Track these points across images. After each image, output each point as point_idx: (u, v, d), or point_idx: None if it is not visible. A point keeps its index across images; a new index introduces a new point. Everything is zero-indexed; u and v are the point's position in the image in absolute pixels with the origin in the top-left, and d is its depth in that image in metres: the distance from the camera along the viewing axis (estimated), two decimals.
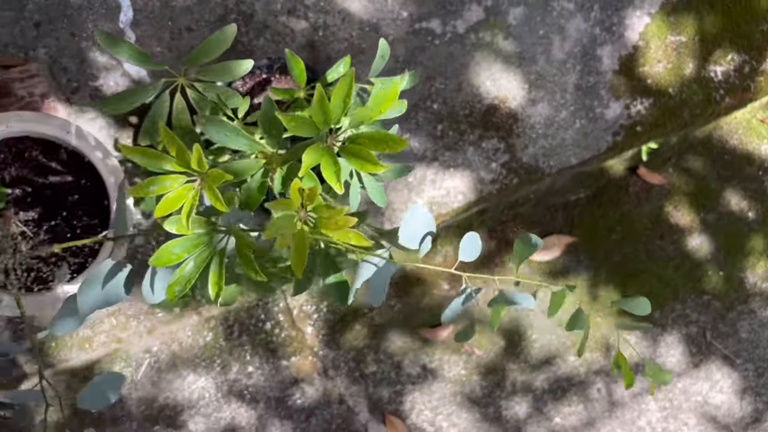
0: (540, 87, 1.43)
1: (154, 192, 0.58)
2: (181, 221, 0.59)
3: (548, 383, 1.57)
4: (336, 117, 0.56)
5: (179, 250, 0.62)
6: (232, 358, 1.43)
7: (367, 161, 0.56)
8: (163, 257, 0.61)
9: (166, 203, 0.58)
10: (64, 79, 1.24)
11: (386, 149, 0.56)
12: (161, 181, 0.58)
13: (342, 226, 0.56)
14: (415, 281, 1.53)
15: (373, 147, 0.56)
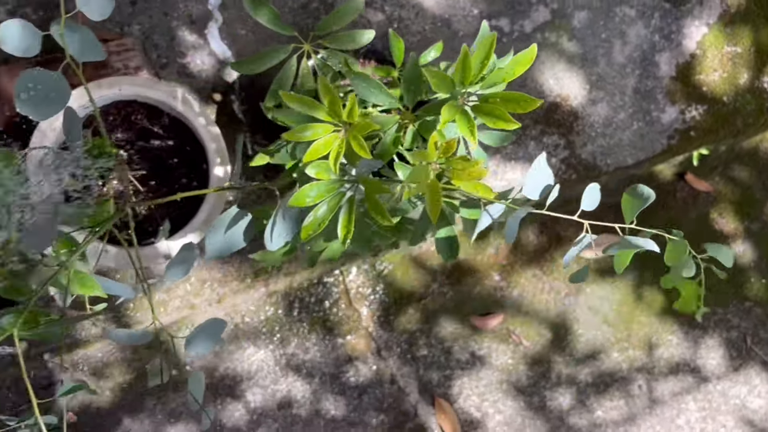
0: (600, 88, 1.49)
1: (308, 137, 0.63)
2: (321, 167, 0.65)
3: (592, 377, 1.62)
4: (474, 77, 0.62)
5: (314, 194, 0.67)
6: (291, 333, 1.49)
7: (500, 119, 0.61)
8: (300, 199, 0.67)
9: (315, 149, 0.63)
10: (154, 54, 1.30)
11: (518, 109, 0.62)
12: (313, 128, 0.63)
13: (474, 177, 0.61)
14: (468, 271, 1.58)
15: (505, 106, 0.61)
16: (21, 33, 0.71)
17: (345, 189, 0.68)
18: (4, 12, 1.24)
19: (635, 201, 0.68)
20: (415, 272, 1.56)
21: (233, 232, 0.80)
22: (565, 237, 1.63)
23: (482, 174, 0.61)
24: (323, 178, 0.67)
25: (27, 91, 0.72)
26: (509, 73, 0.64)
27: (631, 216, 0.70)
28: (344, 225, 0.68)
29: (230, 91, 1.33)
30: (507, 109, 0.62)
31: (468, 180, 0.62)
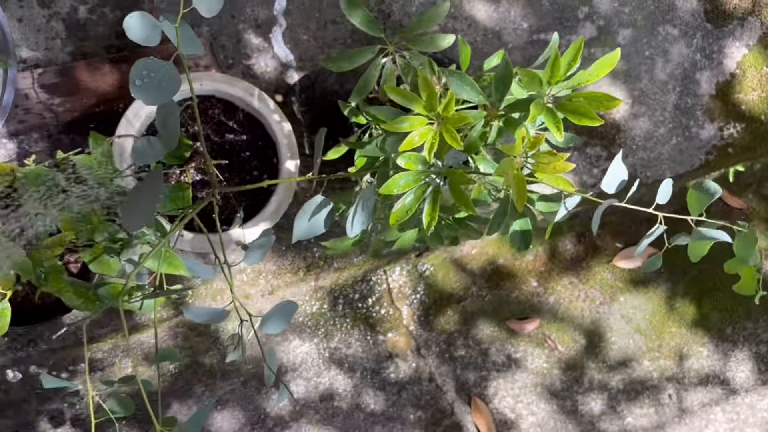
0: (642, 103, 1.54)
1: (405, 128, 0.69)
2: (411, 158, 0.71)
3: (623, 384, 1.66)
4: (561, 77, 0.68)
5: (403, 183, 0.73)
6: (334, 327, 1.54)
7: (584, 116, 0.67)
8: (390, 187, 0.72)
9: (411, 140, 0.69)
10: (221, 55, 1.37)
11: (601, 108, 0.67)
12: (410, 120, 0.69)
13: (558, 171, 0.67)
14: (506, 275, 1.63)
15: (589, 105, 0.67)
16: (143, 24, 0.77)
17: (430, 179, 0.74)
18: (84, 10, 1.31)
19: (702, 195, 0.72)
20: (455, 274, 1.61)
21: (316, 218, 0.86)
22: (601, 247, 1.67)
23: (566, 168, 0.67)
24: (412, 168, 0.73)
25: (141, 79, 0.78)
26: (593, 75, 0.70)
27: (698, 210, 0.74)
28: (429, 213, 0.74)
29: (291, 93, 1.39)
30: (592, 107, 0.67)
31: (552, 173, 0.67)
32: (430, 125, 0.71)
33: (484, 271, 1.62)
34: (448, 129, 0.69)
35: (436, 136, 0.70)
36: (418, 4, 1.45)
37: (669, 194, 0.78)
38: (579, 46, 0.68)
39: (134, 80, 0.77)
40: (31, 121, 1.26)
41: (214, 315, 0.94)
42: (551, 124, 0.68)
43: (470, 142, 0.72)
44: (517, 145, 0.67)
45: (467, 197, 0.71)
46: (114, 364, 1.45)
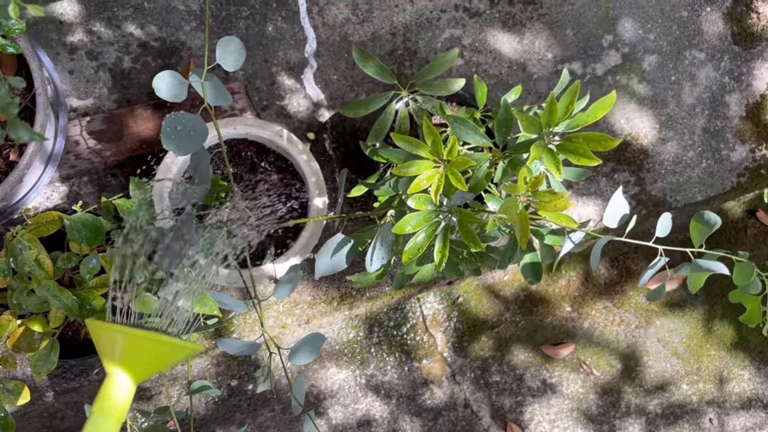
0: (670, 128, 1.55)
1: (412, 172, 0.74)
2: (421, 199, 0.75)
3: (661, 408, 1.65)
4: (559, 120, 0.71)
5: (414, 222, 0.77)
6: (370, 355, 1.58)
7: (583, 156, 0.70)
8: (402, 227, 0.77)
9: (418, 183, 0.74)
10: (256, 97, 1.44)
11: (599, 147, 0.70)
12: (416, 164, 0.74)
13: (559, 209, 0.70)
14: (540, 301, 1.65)
15: (588, 145, 0.70)
16: (170, 83, 0.84)
17: (440, 219, 0.78)
18: (128, 60, 1.40)
19: (702, 227, 0.74)
20: (488, 301, 1.63)
21: (338, 255, 0.91)
22: (635, 271, 1.68)
23: (567, 206, 0.70)
24: (422, 208, 0.77)
25: (173, 130, 0.85)
26: (591, 116, 0.73)
27: (699, 240, 0.76)
28: (440, 250, 0.78)
29: (322, 131, 1.46)
30: (589, 147, 0.70)
31: (553, 211, 0.70)
32: (437, 168, 0.75)
33: (517, 297, 1.64)
34: (453, 171, 0.73)
35: (442, 179, 0.74)
36: (443, 40, 1.50)
37: (669, 228, 0.80)
38: (575, 91, 0.71)
39: (166, 132, 0.84)
40: (81, 165, 1.35)
41: (247, 347, 1.00)
42: (551, 165, 0.71)
43: (476, 182, 0.76)
44: (520, 185, 0.71)
45: (475, 235, 0.74)
46: (161, 393, 1.52)
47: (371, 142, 0.98)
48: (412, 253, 0.78)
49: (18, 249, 0.90)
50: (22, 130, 0.51)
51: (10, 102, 0.51)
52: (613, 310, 1.66)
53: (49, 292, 0.87)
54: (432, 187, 0.74)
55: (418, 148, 0.74)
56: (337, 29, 1.46)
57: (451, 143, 0.72)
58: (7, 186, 1.05)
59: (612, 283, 1.67)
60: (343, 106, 0.94)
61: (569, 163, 0.80)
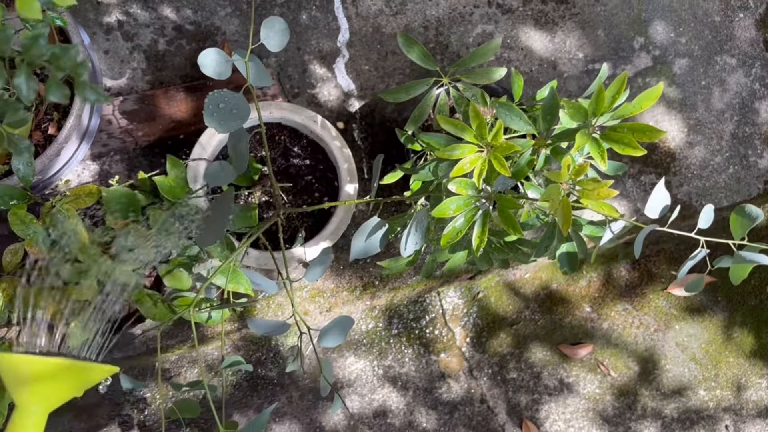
0: (698, 132, 1.55)
1: (456, 155, 0.74)
2: (462, 183, 0.76)
3: (677, 413, 1.64)
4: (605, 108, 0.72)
5: (454, 206, 0.78)
6: (389, 346, 1.59)
7: (628, 146, 0.71)
8: (443, 210, 0.77)
9: (461, 167, 0.74)
10: (288, 84, 1.45)
11: (644, 138, 0.71)
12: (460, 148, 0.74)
13: (602, 197, 0.70)
14: (560, 300, 1.65)
15: (633, 135, 0.71)
16: (216, 60, 0.85)
17: (480, 204, 0.78)
18: (163, 42, 1.41)
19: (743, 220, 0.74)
20: (508, 298, 1.64)
21: (372, 239, 0.92)
22: (656, 274, 1.68)
23: (610, 194, 0.70)
24: (462, 193, 0.78)
25: (215, 107, 0.86)
26: (636, 107, 0.74)
27: (740, 234, 0.76)
28: (478, 235, 0.78)
29: (352, 120, 1.46)
30: (635, 137, 0.71)
31: (596, 199, 0.71)
32: (480, 153, 0.75)
33: (538, 296, 1.64)
34: (497, 156, 0.74)
35: (485, 163, 0.74)
36: (474, 35, 1.50)
37: (710, 219, 0.81)
38: (623, 80, 0.72)
39: (208, 109, 0.85)
40: (113, 144, 1.37)
41: (276, 327, 1.01)
42: (596, 153, 0.72)
43: (518, 169, 0.76)
44: (563, 172, 0.71)
45: (515, 221, 0.75)
46: (180, 374, 1.53)
47: (409, 128, 0.98)
48: (451, 236, 0.78)
49: (58, 219, 0.91)
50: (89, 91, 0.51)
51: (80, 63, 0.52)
52: (632, 312, 1.66)
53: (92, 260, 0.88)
54: (475, 171, 0.75)
55: (463, 131, 0.75)
56: (370, 20, 1.47)
57: (497, 127, 0.73)
58: (45, 159, 1.06)
59: (632, 285, 1.67)
60: (384, 91, 0.95)
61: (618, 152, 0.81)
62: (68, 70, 0.56)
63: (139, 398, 1.52)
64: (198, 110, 1.38)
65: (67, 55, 0.56)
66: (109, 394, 1.51)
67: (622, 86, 0.72)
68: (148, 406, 1.52)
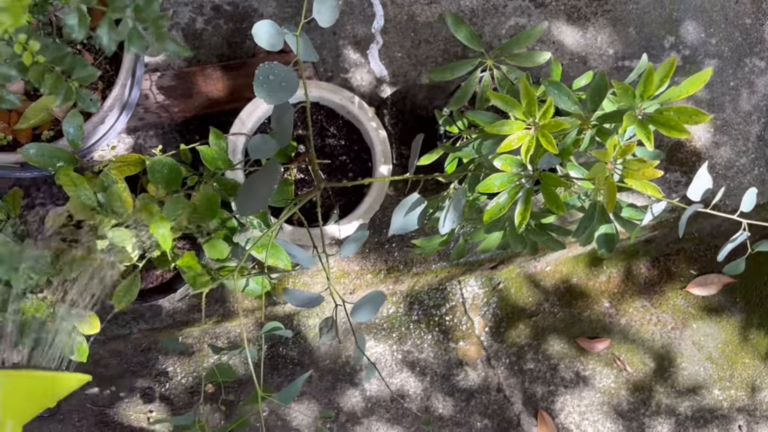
0: (724, 133, 1.56)
1: (505, 131, 0.76)
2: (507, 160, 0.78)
3: (691, 411, 1.66)
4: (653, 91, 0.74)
5: (498, 183, 0.79)
6: (408, 332, 1.61)
7: (674, 129, 0.72)
8: (486, 186, 0.79)
9: (509, 143, 0.76)
10: (321, 68, 1.47)
11: (689, 121, 0.73)
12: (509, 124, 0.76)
13: (647, 177, 0.72)
14: (579, 294, 1.66)
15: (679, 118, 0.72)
16: (269, 32, 0.87)
17: (523, 182, 0.80)
18: (201, 21, 1.43)
19: None
20: (528, 290, 1.65)
21: (411, 215, 0.93)
22: (675, 273, 1.69)
23: (655, 174, 0.72)
24: (507, 170, 0.80)
25: (265, 79, 0.88)
26: (683, 90, 0.75)
27: None
28: (521, 212, 0.80)
29: (383, 106, 1.48)
30: (681, 121, 0.73)
31: (641, 179, 0.72)
32: (527, 130, 0.77)
33: (557, 289, 1.66)
34: (545, 134, 0.75)
35: (533, 140, 0.76)
36: (507, 27, 1.52)
37: (753, 203, 0.82)
38: (672, 64, 0.74)
39: (258, 80, 0.87)
40: (148, 119, 1.39)
41: (310, 300, 1.03)
42: (642, 135, 0.73)
43: (564, 148, 0.78)
44: (609, 152, 0.73)
45: (559, 199, 0.77)
46: (201, 350, 1.55)
47: (451, 108, 1.00)
48: (494, 212, 0.80)
49: (106, 183, 0.93)
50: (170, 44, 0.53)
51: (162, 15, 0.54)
52: (650, 309, 1.67)
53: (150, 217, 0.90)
54: (522, 147, 0.76)
55: (513, 108, 0.76)
56: (405, 8, 1.49)
57: (548, 104, 0.74)
58: (90, 126, 1.08)
59: (652, 283, 1.68)
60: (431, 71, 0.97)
61: (642, 144, 0.82)
62: (149, 23, 0.58)
63: (161, 371, 1.54)
64: (234, 89, 1.39)
65: (150, 7, 0.58)
66: (132, 366, 1.53)
67: (671, 70, 0.73)
68: (170, 380, 1.54)
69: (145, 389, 1.54)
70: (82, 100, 0.68)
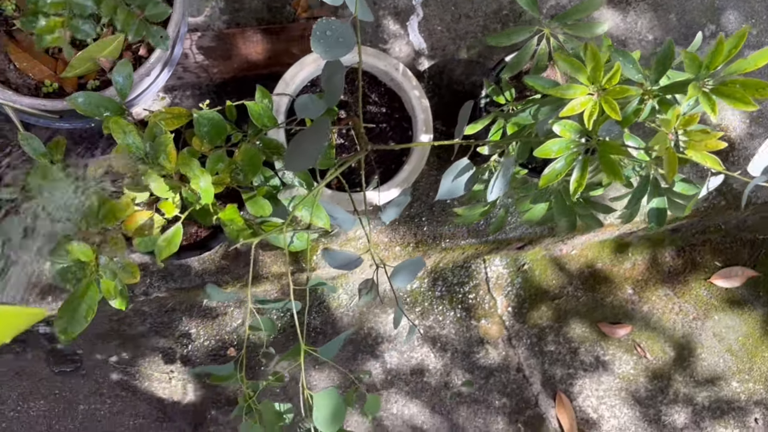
0: (760, 124, 1.56)
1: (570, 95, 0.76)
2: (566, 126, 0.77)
3: (709, 401, 1.66)
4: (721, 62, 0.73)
5: (556, 148, 0.79)
6: (431, 307, 1.61)
7: (740, 101, 0.72)
8: (545, 150, 0.79)
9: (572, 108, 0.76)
10: (361, 38, 1.46)
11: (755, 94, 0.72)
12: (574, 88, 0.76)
13: (710, 149, 0.72)
14: (603, 280, 1.66)
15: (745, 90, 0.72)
16: None
17: (581, 148, 0.80)
18: None
19: None
20: (552, 272, 1.65)
21: (458, 180, 0.93)
22: (700, 263, 1.69)
23: (718, 146, 0.72)
24: (565, 136, 0.79)
25: (323, 34, 0.87)
26: (751, 63, 0.75)
27: None
28: (577, 179, 0.80)
29: (420, 79, 1.48)
30: (747, 93, 0.72)
31: (703, 151, 0.72)
32: (590, 96, 0.77)
33: (582, 273, 1.66)
34: (608, 100, 0.75)
35: (596, 106, 0.76)
36: (548, 6, 1.51)
37: None
38: (744, 34, 0.73)
39: (315, 35, 0.86)
40: (187, 78, 1.38)
41: (350, 261, 1.03)
42: (707, 106, 0.73)
43: (625, 116, 0.78)
44: (672, 121, 0.73)
45: (617, 167, 0.76)
46: (227, 313, 1.55)
47: (506, 75, 1.00)
48: (550, 178, 0.80)
49: (155, 132, 0.93)
50: None
51: None
52: (673, 298, 1.67)
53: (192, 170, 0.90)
54: (585, 113, 0.76)
55: (579, 72, 0.76)
56: None
57: (615, 70, 0.74)
58: (137, 77, 1.08)
59: (676, 272, 1.68)
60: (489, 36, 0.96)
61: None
62: None
63: (184, 333, 1.54)
64: (273, 53, 1.39)
65: None
66: (156, 326, 1.54)
67: (741, 40, 0.73)
68: (192, 342, 1.55)
69: (167, 350, 1.54)
70: (153, 36, 0.68)
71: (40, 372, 1.51)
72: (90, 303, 0.85)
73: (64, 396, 1.52)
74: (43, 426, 1.51)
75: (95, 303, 0.85)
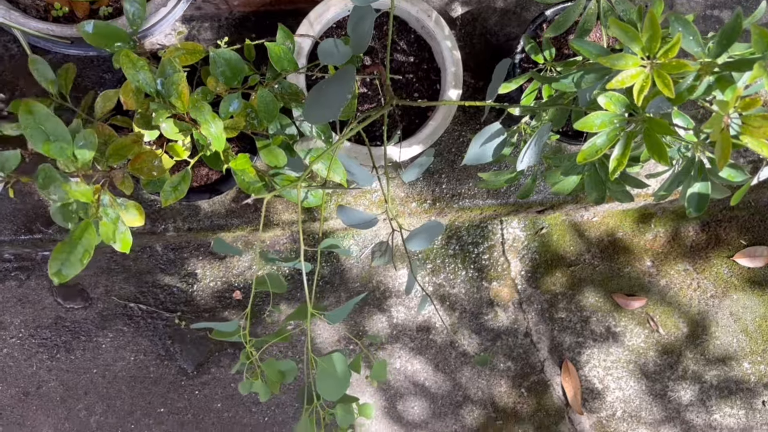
0: None
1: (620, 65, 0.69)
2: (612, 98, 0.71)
3: (717, 380, 1.63)
4: None
5: (599, 122, 0.73)
6: (443, 265, 1.57)
7: None
8: (586, 124, 0.72)
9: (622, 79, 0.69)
10: None
11: None
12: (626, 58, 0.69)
13: None
14: (622, 250, 1.61)
15: None
16: None
17: (624, 124, 0.73)
18: None
19: None
20: (571, 238, 1.60)
21: (487, 146, 0.87)
22: (724, 240, 1.63)
23: None
24: (611, 109, 0.73)
25: None
26: None
27: None
28: (618, 158, 0.74)
29: (451, 26, 1.39)
30: None
31: (759, 137, 0.66)
32: (642, 68, 0.70)
33: (601, 241, 1.60)
34: (662, 75, 0.68)
35: (648, 80, 0.69)
36: None
37: None
38: None
39: None
40: (206, 9, 1.31)
41: (365, 220, 0.97)
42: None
43: (678, 92, 0.71)
44: (730, 103, 0.66)
45: (664, 147, 0.70)
46: (234, 256, 1.52)
47: (549, 34, 0.92)
48: (590, 154, 0.73)
49: (167, 70, 0.87)
50: None
51: None
52: (692, 274, 1.62)
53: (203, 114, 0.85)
54: (636, 86, 0.69)
55: (633, 40, 0.69)
56: None
57: (675, 41, 0.67)
58: (152, 6, 1.01)
59: (698, 247, 1.63)
60: None
61: None
62: None
63: (190, 272, 1.51)
64: None
65: None
66: (161, 264, 1.51)
67: None
68: (198, 282, 1.52)
69: (173, 288, 1.52)
70: None
71: (43, 300, 1.49)
72: (87, 246, 0.81)
73: (66, 326, 1.50)
74: (44, 355, 1.50)
75: (92, 246, 0.80)
